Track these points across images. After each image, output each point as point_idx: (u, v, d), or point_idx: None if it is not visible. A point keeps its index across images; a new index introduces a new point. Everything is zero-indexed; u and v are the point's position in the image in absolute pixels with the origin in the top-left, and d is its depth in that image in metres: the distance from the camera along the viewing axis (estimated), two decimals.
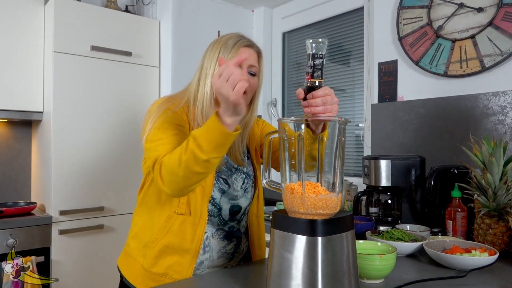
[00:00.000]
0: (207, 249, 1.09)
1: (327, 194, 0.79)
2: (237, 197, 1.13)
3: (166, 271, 1.05)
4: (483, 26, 1.66)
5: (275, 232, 0.82)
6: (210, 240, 1.09)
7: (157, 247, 1.06)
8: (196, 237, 1.05)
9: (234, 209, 1.12)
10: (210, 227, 1.09)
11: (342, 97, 2.49)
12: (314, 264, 0.75)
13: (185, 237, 1.05)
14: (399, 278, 0.99)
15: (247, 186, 1.16)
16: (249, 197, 1.16)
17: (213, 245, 1.09)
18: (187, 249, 1.05)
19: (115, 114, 2.33)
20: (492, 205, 1.21)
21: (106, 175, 2.30)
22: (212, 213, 1.09)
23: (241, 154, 1.14)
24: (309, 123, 0.84)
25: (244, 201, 1.14)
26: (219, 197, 1.09)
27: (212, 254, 1.09)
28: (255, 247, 1.18)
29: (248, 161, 1.19)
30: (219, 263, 1.11)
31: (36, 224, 2.03)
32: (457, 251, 1.10)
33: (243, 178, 1.15)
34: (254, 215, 1.18)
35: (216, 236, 1.10)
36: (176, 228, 1.05)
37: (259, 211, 1.20)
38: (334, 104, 0.86)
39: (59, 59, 2.14)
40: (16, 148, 2.44)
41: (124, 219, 2.32)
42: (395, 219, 1.55)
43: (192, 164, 0.88)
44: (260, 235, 1.20)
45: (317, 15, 2.59)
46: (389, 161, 1.54)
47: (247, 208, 1.16)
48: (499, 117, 1.62)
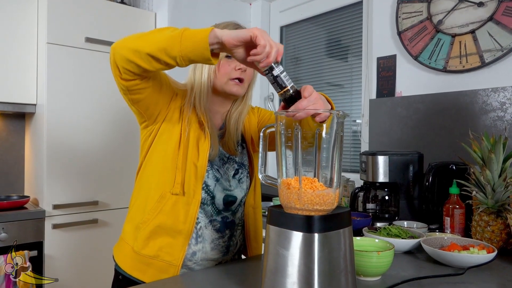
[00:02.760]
0: (199, 239, 1.07)
1: (325, 189, 0.77)
2: (231, 187, 1.11)
3: (157, 252, 1.04)
4: (483, 21, 1.64)
5: (271, 228, 0.80)
6: (203, 230, 1.08)
7: (148, 228, 1.04)
8: (189, 218, 1.04)
9: (228, 199, 1.11)
10: (203, 217, 1.08)
11: (339, 92, 2.47)
12: (310, 261, 0.73)
13: (178, 217, 1.04)
14: (396, 275, 0.98)
15: (241, 177, 1.14)
16: (244, 188, 1.15)
17: (206, 236, 1.08)
18: (180, 230, 1.04)
19: (109, 107, 2.30)
20: (491, 202, 1.20)
21: (100, 169, 2.27)
22: (206, 201, 1.07)
23: (234, 143, 1.13)
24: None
25: (240, 192, 1.13)
26: (213, 185, 1.08)
27: (205, 245, 1.08)
28: (251, 239, 1.17)
29: (243, 151, 1.18)
30: (213, 256, 1.10)
31: (29, 218, 2.00)
32: (455, 248, 1.08)
33: (235, 168, 1.13)
34: (251, 206, 1.17)
35: (210, 227, 1.09)
36: (168, 208, 1.04)
37: (256, 202, 1.18)
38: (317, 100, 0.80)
39: (53, 51, 2.10)
40: (9, 141, 2.40)
41: (118, 214, 2.30)
42: (392, 215, 1.54)
43: (148, 40, 0.87)
44: (256, 227, 1.19)
45: (315, 9, 2.56)
46: (387, 157, 1.53)
47: (243, 199, 1.15)
48: (498, 114, 1.60)
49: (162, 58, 0.86)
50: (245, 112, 1.17)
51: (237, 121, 1.14)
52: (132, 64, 0.89)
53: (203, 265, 1.10)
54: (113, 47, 0.92)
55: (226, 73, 1.08)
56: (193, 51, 0.83)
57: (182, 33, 0.84)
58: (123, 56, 0.89)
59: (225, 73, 1.08)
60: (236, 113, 1.14)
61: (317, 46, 2.60)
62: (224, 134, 1.13)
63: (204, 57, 0.83)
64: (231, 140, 1.13)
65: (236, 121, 1.14)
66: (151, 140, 1.09)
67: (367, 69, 2.12)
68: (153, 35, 0.88)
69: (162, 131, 1.07)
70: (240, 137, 1.17)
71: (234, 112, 1.15)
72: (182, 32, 0.84)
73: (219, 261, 1.12)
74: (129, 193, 2.52)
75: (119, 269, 1.10)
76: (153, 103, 1.03)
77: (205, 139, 1.06)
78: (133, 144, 2.40)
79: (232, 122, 1.14)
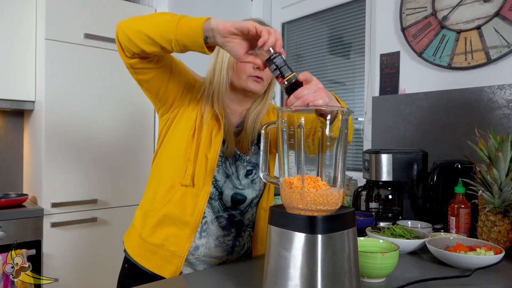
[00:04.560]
0: (204, 234, 1.06)
1: (328, 189, 0.74)
2: (242, 186, 1.10)
3: (163, 242, 1.04)
4: (489, 17, 1.61)
5: (272, 229, 0.77)
6: (208, 225, 1.07)
7: (156, 216, 1.04)
8: (197, 210, 1.03)
9: (237, 198, 1.09)
10: (209, 212, 1.07)
11: (341, 90, 2.44)
12: (313, 264, 0.70)
13: (185, 209, 1.03)
14: (400, 277, 0.96)
15: (255, 177, 1.12)
16: (257, 189, 1.13)
17: (211, 232, 1.07)
18: (187, 221, 1.03)
19: (108, 104, 2.27)
20: (498, 201, 1.17)
21: (100, 166, 2.24)
22: (214, 195, 1.06)
23: (249, 142, 1.12)
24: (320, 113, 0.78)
25: (250, 192, 1.11)
26: (223, 181, 1.07)
27: (209, 241, 1.06)
28: (257, 241, 1.15)
29: (259, 151, 1.15)
30: (216, 253, 1.08)
31: (28, 216, 1.98)
32: (461, 249, 1.06)
33: (245, 167, 1.12)
34: (263, 209, 1.15)
35: (216, 223, 1.08)
36: (177, 198, 1.04)
37: (268, 205, 1.16)
38: (319, 90, 0.77)
39: (52, 47, 2.07)
40: (7, 138, 2.37)
41: (118, 212, 2.27)
42: (395, 215, 1.51)
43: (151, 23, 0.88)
44: (265, 230, 1.16)
45: (318, 5, 2.53)
46: (391, 155, 1.50)
47: (255, 200, 1.13)
48: (504, 111, 1.57)
49: (158, 40, 0.87)
50: (264, 111, 1.15)
51: (255, 120, 1.12)
52: (132, 43, 0.91)
53: (205, 262, 1.08)
54: (118, 24, 0.95)
55: (244, 71, 1.06)
56: (188, 37, 0.84)
57: (180, 19, 0.85)
58: (125, 34, 0.92)
59: (243, 71, 1.06)
60: (255, 112, 1.13)
61: (319, 43, 2.57)
62: (240, 132, 1.12)
63: (198, 44, 0.84)
64: (246, 139, 1.11)
65: (254, 120, 1.12)
66: (166, 129, 1.09)
67: (370, 66, 2.09)
68: (154, 18, 0.90)
69: (177, 121, 1.07)
70: (256, 137, 1.14)
71: (253, 111, 1.13)
72: (180, 18, 0.85)
73: (223, 260, 1.10)
74: (128, 191, 2.50)
75: (127, 255, 1.11)
76: (163, 87, 1.03)
77: (218, 132, 1.05)
78: (133, 141, 2.38)
79: (249, 121, 1.12)
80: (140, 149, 2.40)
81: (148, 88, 1.03)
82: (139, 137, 2.40)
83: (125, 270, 1.12)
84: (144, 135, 2.43)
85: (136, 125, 2.39)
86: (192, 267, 1.08)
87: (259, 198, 1.14)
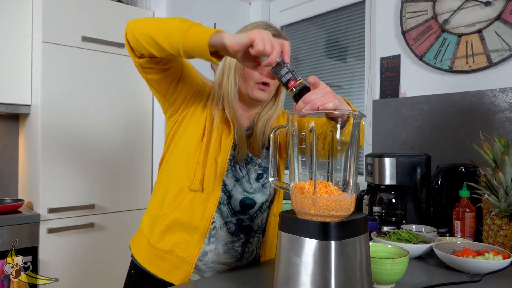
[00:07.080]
0: (212, 240, 1.04)
1: (341, 194, 0.73)
2: (252, 190, 1.08)
3: (172, 248, 1.02)
4: (490, 20, 1.61)
5: (282, 235, 0.76)
6: (217, 231, 1.05)
7: (165, 222, 1.02)
8: (206, 215, 1.01)
9: (247, 202, 1.07)
10: (218, 217, 1.05)
11: (339, 93, 2.40)
12: (327, 271, 0.69)
13: (194, 214, 1.01)
14: (409, 282, 0.94)
15: (266, 181, 1.11)
16: (267, 194, 1.11)
17: (220, 237, 1.05)
18: (196, 226, 1.01)
19: (106, 108, 2.24)
20: (504, 205, 1.16)
21: (97, 171, 2.21)
22: (222, 200, 1.04)
23: (259, 146, 1.10)
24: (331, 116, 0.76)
25: (261, 197, 1.09)
26: (232, 185, 1.05)
27: (218, 247, 1.05)
28: (266, 247, 1.13)
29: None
30: (225, 259, 1.06)
31: (23, 222, 1.94)
32: (469, 253, 1.05)
33: (256, 170, 1.10)
34: (273, 215, 1.13)
35: (224, 229, 1.06)
36: (186, 204, 1.02)
37: (278, 211, 1.14)
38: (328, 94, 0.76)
39: (48, 50, 2.04)
40: (3, 143, 2.33)
41: (115, 217, 2.24)
42: (399, 219, 1.50)
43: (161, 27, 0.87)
44: (274, 237, 1.15)
45: (317, 9, 2.53)
46: (394, 159, 1.49)
47: (265, 205, 1.11)
48: (506, 114, 1.57)
49: (166, 47, 0.86)
50: (275, 116, 1.13)
51: (265, 125, 1.11)
52: (141, 46, 0.91)
53: (214, 269, 1.06)
54: (128, 23, 0.94)
55: (252, 77, 1.05)
56: (194, 49, 0.83)
57: (187, 29, 0.84)
58: (134, 36, 0.91)
59: (250, 77, 1.05)
60: (265, 117, 1.11)
61: (317, 46, 2.57)
62: (251, 136, 1.10)
63: (205, 57, 0.83)
64: (256, 143, 1.09)
65: (264, 125, 1.11)
66: (174, 132, 1.07)
67: (370, 70, 2.08)
68: (163, 24, 0.89)
69: (186, 125, 1.06)
70: (267, 141, 1.13)
71: (263, 116, 1.12)
72: (188, 28, 0.84)
73: (231, 266, 1.08)
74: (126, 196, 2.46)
75: (134, 261, 1.09)
76: (171, 88, 1.02)
77: (228, 136, 1.04)
78: (131, 145, 2.35)
79: (259, 125, 1.10)
80: (138, 153, 2.37)
81: (157, 88, 1.02)
82: (136, 142, 2.37)
83: (131, 277, 1.09)
84: (142, 140, 2.40)
85: (133, 129, 2.36)
86: (200, 274, 1.05)
87: (268, 203, 1.12)
